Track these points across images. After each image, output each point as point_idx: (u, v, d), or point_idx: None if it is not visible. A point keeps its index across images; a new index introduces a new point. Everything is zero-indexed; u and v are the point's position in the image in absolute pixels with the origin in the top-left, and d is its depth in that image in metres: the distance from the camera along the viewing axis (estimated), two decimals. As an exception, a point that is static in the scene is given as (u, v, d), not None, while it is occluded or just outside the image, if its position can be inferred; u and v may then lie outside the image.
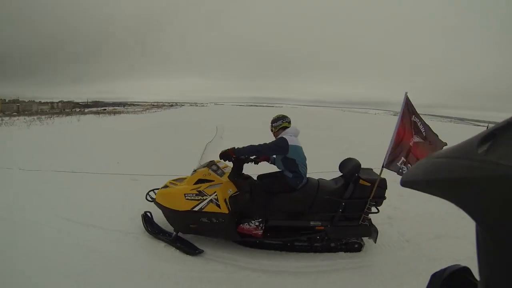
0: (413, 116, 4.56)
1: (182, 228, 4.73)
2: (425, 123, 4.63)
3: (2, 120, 39.21)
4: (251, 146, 4.39)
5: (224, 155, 4.54)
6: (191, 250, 4.53)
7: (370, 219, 4.64)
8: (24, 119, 40.18)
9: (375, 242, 4.66)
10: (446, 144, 4.57)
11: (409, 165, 4.37)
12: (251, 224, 4.45)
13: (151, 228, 5.09)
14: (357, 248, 4.75)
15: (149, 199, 5.24)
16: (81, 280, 3.89)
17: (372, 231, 4.58)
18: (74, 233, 5.16)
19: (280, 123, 4.81)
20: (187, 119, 33.47)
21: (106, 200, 6.72)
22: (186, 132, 19.73)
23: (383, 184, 4.44)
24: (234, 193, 4.65)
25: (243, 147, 4.44)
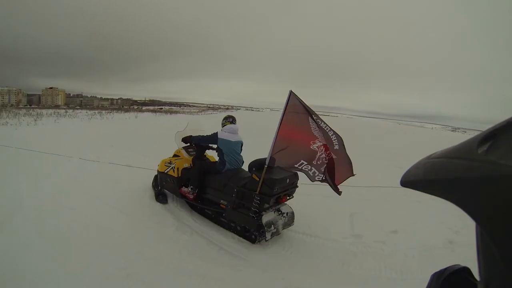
0: (313, 116, 4.59)
1: (161, 184, 6.63)
2: (334, 131, 4.53)
3: (66, 112, 42.01)
4: (199, 136, 6.00)
5: (185, 139, 6.30)
6: (162, 200, 6.47)
7: (262, 216, 4.84)
8: (86, 112, 42.59)
9: (254, 243, 4.99)
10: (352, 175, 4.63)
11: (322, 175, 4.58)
12: (187, 188, 5.95)
13: (155, 183, 6.95)
14: (252, 239, 5.03)
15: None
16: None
17: (257, 227, 4.83)
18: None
19: (224, 122, 5.98)
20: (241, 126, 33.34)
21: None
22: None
23: (270, 183, 4.67)
24: (187, 167, 6.32)
25: (195, 136, 6.09)
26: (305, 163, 4.62)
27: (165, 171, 6.41)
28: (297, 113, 4.66)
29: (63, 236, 4.82)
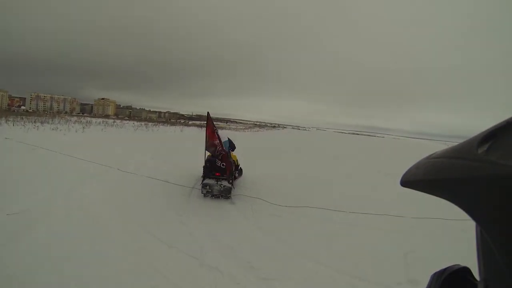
0: (215, 128, 8.32)
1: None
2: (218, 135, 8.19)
3: (114, 122, 43.81)
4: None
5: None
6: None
7: (203, 179, 7.94)
8: (133, 124, 44.00)
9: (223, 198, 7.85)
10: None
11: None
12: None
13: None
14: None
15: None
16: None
17: (226, 194, 7.75)
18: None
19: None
20: (286, 144, 32.80)
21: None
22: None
23: (209, 164, 8.12)
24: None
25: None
26: (212, 149, 8.22)
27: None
28: (209, 125, 8.51)
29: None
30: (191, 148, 17.11)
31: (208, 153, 8.50)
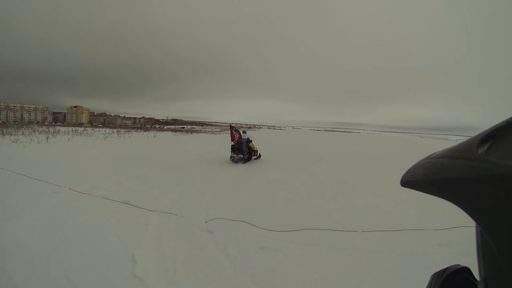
0: (235, 132, 15.51)
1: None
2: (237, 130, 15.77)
3: (85, 130, 41.30)
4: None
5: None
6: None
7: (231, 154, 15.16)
8: (104, 131, 41.67)
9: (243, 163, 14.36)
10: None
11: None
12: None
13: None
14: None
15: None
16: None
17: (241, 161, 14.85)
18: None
19: (242, 132, 15.72)
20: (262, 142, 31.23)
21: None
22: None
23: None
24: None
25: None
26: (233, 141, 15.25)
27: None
28: (231, 131, 15.64)
29: None
30: (163, 155, 15.89)
31: (232, 143, 15.38)
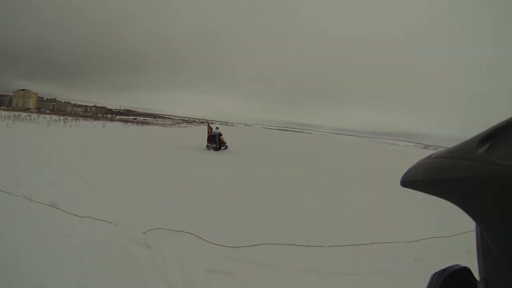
0: (210, 128, 20.21)
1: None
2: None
3: (29, 116, 38.33)
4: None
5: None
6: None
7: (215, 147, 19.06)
8: (50, 117, 39.03)
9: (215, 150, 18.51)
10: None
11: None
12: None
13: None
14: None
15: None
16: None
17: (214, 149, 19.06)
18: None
19: (215, 128, 20.26)
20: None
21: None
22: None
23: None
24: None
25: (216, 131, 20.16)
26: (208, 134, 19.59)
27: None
28: (208, 127, 20.45)
29: None
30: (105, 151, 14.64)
31: (207, 135, 19.35)
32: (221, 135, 19.70)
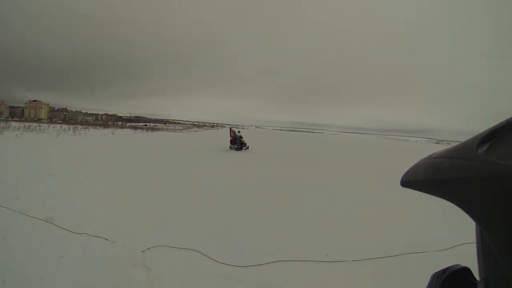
0: (232, 131, 22.83)
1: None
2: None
3: (40, 126, 38.43)
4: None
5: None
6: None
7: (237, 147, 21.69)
8: (60, 127, 39.07)
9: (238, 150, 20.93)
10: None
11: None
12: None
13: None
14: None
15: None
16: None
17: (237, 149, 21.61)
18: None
19: (237, 131, 22.87)
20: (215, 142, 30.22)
21: None
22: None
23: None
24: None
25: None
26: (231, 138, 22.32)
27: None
28: (231, 131, 22.98)
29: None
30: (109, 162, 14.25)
31: (230, 138, 21.82)
32: (242, 137, 22.17)
